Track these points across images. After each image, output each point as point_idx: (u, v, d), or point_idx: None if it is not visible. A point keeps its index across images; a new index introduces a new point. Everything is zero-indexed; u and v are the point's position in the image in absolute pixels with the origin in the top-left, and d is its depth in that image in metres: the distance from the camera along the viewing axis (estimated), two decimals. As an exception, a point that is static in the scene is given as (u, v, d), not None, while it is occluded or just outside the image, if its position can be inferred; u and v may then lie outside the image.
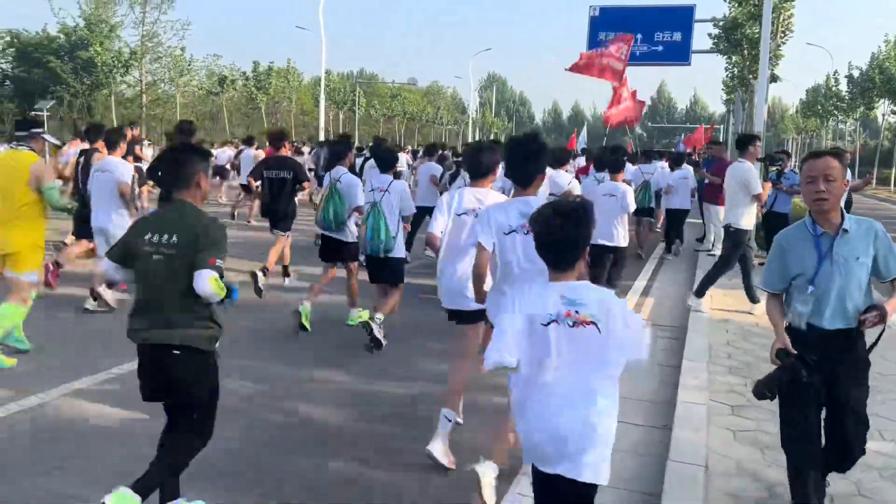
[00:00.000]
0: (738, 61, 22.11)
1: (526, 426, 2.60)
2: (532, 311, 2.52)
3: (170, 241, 3.18)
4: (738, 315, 7.71)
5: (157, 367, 3.28)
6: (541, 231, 2.63)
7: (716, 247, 12.29)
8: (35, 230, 5.73)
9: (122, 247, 3.34)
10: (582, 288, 2.58)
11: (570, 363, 2.49)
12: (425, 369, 5.87)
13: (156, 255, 3.18)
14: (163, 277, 3.18)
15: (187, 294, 3.14)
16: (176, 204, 3.31)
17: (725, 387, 5.27)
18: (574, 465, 2.49)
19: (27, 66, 44.04)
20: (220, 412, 4.64)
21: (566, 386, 2.49)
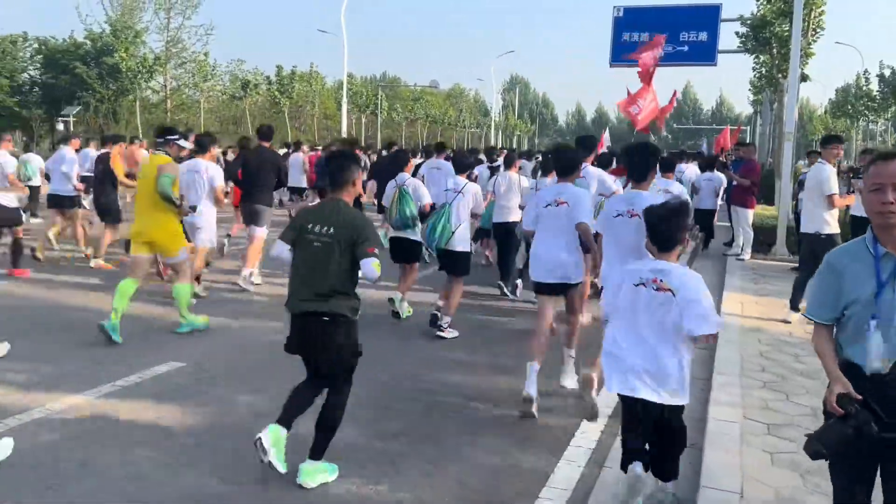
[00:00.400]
0: (766, 60, 21.56)
1: (617, 361, 3.52)
2: (630, 277, 3.53)
3: (328, 231, 3.86)
4: (771, 324, 7.37)
5: (308, 331, 3.94)
6: (655, 223, 3.52)
7: (745, 251, 11.93)
8: (172, 220, 6.74)
9: (292, 233, 4.01)
10: (671, 266, 3.48)
11: (651, 316, 3.45)
12: (438, 380, 5.63)
13: (316, 242, 3.87)
14: (320, 260, 3.84)
15: (338, 274, 3.84)
16: (333, 201, 4.03)
17: (760, 403, 4.95)
18: (654, 391, 3.42)
19: (55, 73, 44.63)
20: (226, 431, 4.47)
21: (648, 332, 3.45)
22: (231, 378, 5.52)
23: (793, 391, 5.21)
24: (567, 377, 5.62)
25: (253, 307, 7.94)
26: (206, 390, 5.23)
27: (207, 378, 5.50)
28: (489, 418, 4.89)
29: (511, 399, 5.26)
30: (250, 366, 5.83)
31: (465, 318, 7.78)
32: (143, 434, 4.42)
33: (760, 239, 12.58)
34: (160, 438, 4.37)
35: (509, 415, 4.96)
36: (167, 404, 4.91)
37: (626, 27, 23.93)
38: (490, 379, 5.69)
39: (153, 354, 5.99)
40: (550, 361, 6.18)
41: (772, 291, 9.18)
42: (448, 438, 4.52)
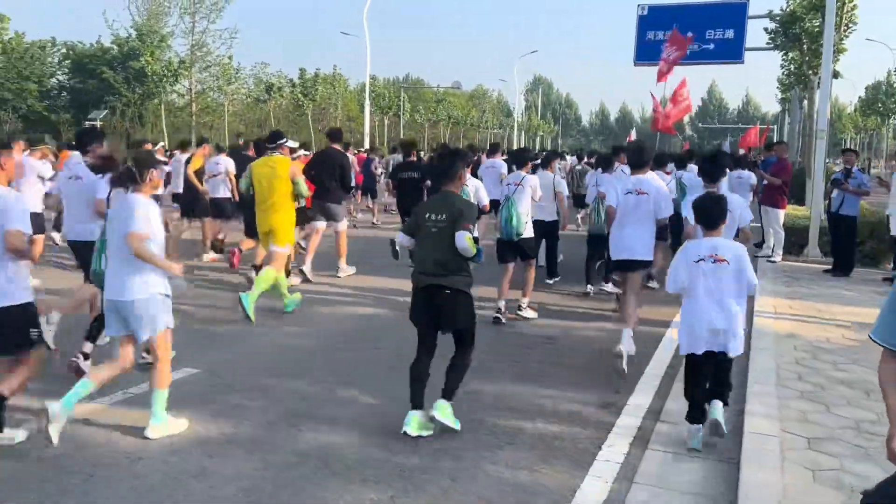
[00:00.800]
0: (795, 57, 21.05)
1: (689, 322, 4.46)
2: (689, 257, 4.46)
3: (441, 218, 4.59)
4: (806, 329, 7.06)
5: (431, 302, 4.62)
6: (703, 209, 4.55)
7: (776, 252, 11.57)
8: (288, 213, 7.68)
9: (411, 224, 4.81)
10: (722, 241, 4.51)
11: (714, 284, 4.37)
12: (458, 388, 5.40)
13: (433, 228, 4.62)
14: (438, 243, 4.55)
15: (454, 255, 4.51)
16: (443, 193, 4.79)
17: (798, 414, 4.68)
18: (721, 344, 4.37)
19: (82, 77, 45.18)
20: (236, 443, 4.31)
21: (715, 297, 4.37)
22: (245, 385, 5.36)
23: (833, 402, 4.93)
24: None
25: (269, 313, 7.80)
26: (219, 398, 5.08)
27: (222, 385, 5.36)
28: (511, 430, 4.67)
29: (535, 409, 5.04)
30: (265, 373, 5.67)
31: (480, 329, 7.57)
32: (154, 444, 4.27)
33: (792, 240, 12.20)
34: (170, 449, 4.22)
35: (532, 426, 4.74)
36: (179, 413, 4.74)
37: (650, 26, 23.53)
38: (512, 387, 5.48)
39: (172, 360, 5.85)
40: (578, 368, 5.96)
41: (806, 294, 8.85)
42: (468, 452, 4.31)
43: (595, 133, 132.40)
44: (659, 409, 5.09)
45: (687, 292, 4.48)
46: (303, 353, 6.23)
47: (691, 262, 4.43)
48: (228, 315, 7.43)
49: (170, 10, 47.04)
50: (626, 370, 5.65)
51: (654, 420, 4.89)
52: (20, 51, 42.88)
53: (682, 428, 4.69)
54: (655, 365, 6.19)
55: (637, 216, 6.26)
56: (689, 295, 4.46)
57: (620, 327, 6.12)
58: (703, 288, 4.38)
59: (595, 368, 6.06)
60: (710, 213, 4.51)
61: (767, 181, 11.37)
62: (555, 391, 5.44)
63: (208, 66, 46.62)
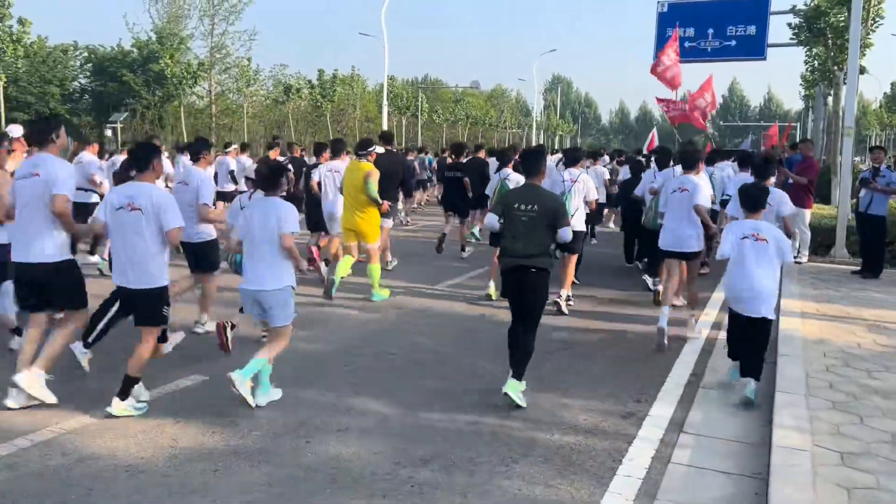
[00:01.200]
0: (819, 53, 20.60)
1: (733, 287, 5.39)
2: (736, 234, 5.39)
3: (532, 208, 5.17)
4: (835, 332, 6.79)
5: (520, 280, 5.21)
6: (749, 195, 5.52)
7: (802, 253, 11.26)
8: (374, 214, 8.30)
9: (500, 208, 5.36)
10: (764, 224, 5.42)
11: (756, 257, 5.27)
12: (473, 399, 5.22)
13: (523, 217, 5.17)
14: (528, 230, 5.16)
15: (541, 239, 5.15)
16: (529, 185, 5.41)
17: (830, 427, 4.44)
18: (760, 308, 5.25)
19: (103, 80, 45.55)
20: (242, 456, 4.16)
21: (758, 267, 5.24)
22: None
23: (867, 413, 4.69)
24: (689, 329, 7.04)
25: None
26: (226, 408, 4.93)
27: (230, 394, 5.20)
28: (527, 441, 4.48)
29: (552, 419, 4.85)
30: (277, 380, 5.50)
31: (501, 331, 7.40)
32: (156, 457, 4.14)
33: (818, 240, 11.88)
34: (174, 462, 4.08)
35: (548, 437, 4.55)
36: (185, 423, 4.63)
37: (670, 22, 23.16)
38: (528, 396, 5.28)
39: (178, 367, 5.74)
40: (597, 375, 5.75)
41: (834, 297, 8.56)
42: (481, 465, 4.13)
43: (615, 132, 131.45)
44: (682, 419, 4.88)
45: (732, 262, 5.43)
46: (317, 360, 6.08)
47: (738, 238, 5.37)
48: (242, 317, 7.30)
49: (189, 13, 47.33)
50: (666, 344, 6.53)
51: (677, 431, 4.68)
52: (42, 55, 43.32)
53: (705, 440, 4.51)
54: (678, 373, 5.97)
55: (682, 211, 7.06)
56: (734, 264, 5.41)
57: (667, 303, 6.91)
58: (745, 260, 5.30)
59: (615, 375, 5.85)
60: (756, 199, 5.50)
61: (793, 180, 11.06)
62: (573, 400, 5.25)
63: (227, 67, 46.83)
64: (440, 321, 7.58)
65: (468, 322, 7.53)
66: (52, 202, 4.71)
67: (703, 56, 23.27)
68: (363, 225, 8.22)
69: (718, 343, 6.77)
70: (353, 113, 56.53)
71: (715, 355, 6.38)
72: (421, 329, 7.25)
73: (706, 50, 23.12)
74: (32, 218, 4.79)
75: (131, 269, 4.73)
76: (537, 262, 5.18)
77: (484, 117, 76.10)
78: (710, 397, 5.35)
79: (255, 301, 4.97)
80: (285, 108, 51.40)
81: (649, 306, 8.41)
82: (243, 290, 5.02)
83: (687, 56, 22.60)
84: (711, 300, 8.73)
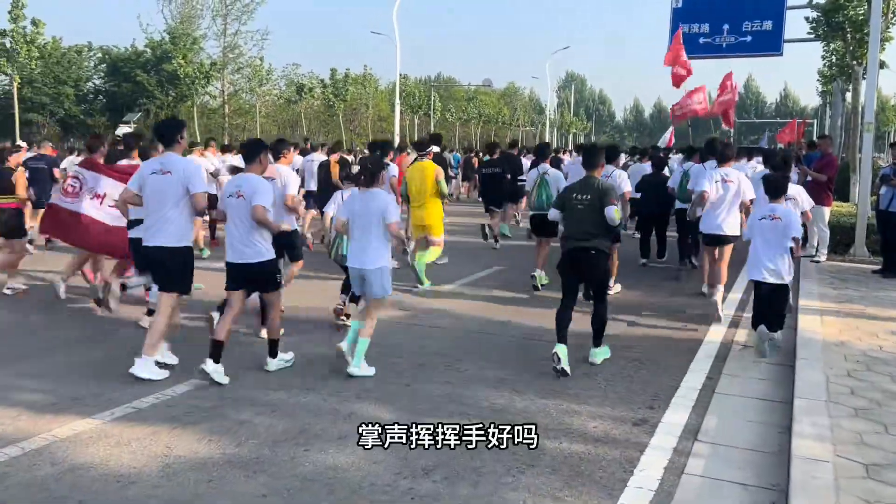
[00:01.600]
0: (837, 48, 20.21)
1: (756, 259, 6.34)
2: (757, 214, 6.52)
3: (588, 198, 5.96)
4: (856, 334, 6.56)
5: (579, 261, 5.98)
6: (773, 183, 6.59)
7: (820, 252, 10.99)
8: (437, 209, 9.25)
9: (560, 201, 6.34)
10: (780, 207, 6.42)
11: (771, 234, 6.25)
12: (480, 403, 5.05)
13: (580, 206, 5.98)
14: (585, 216, 5.93)
15: (597, 224, 5.89)
16: (587, 177, 6.19)
17: (853, 436, 4.23)
18: (774, 275, 6.24)
19: (117, 81, 45.76)
20: (237, 465, 4.01)
21: (771, 243, 6.25)
22: (255, 399, 5.08)
23: (892, 421, 4.47)
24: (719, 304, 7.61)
25: (291, 319, 7.53)
26: (226, 413, 4.80)
27: (229, 399, 5.08)
28: (536, 450, 4.30)
29: (561, 427, 4.67)
30: (278, 385, 5.38)
31: (510, 334, 7.23)
32: (149, 466, 4.00)
33: (837, 238, 11.60)
34: (166, 472, 3.94)
35: (557, 446, 4.37)
36: (181, 430, 4.50)
37: (685, 18, 22.80)
38: (537, 402, 5.11)
39: (178, 371, 5.62)
40: (609, 379, 5.56)
41: (854, 297, 8.31)
42: (486, 475, 3.96)
43: (629, 129, 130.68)
44: (697, 427, 4.68)
45: (753, 240, 6.51)
46: (321, 363, 5.93)
47: (756, 220, 6.49)
48: (248, 319, 7.18)
49: (202, 13, 47.44)
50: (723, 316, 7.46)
51: (691, 440, 4.49)
52: (57, 55, 43.56)
53: (721, 449, 4.32)
54: (693, 376, 5.77)
55: (725, 201, 7.87)
56: (753, 241, 6.50)
57: (713, 291, 7.70)
58: (762, 237, 6.36)
59: (628, 380, 5.66)
60: (778, 187, 6.56)
61: (812, 178, 10.79)
62: (582, 406, 5.07)
63: (240, 67, 46.90)
64: (449, 323, 7.42)
65: (477, 324, 7.36)
66: (194, 201, 5.52)
67: (718, 52, 22.90)
68: (430, 219, 9.05)
69: (734, 347, 6.56)
70: (366, 112, 56.46)
71: (730, 360, 6.17)
72: (428, 331, 7.08)
73: (721, 46, 22.76)
74: (158, 209, 5.50)
75: (247, 248, 5.54)
76: (595, 245, 5.93)
77: (497, 115, 75.78)
78: (726, 403, 5.14)
79: (359, 277, 5.78)
80: (298, 107, 51.40)
81: (663, 307, 8.20)
82: (350, 268, 5.89)
83: (702, 52, 22.29)
84: (728, 300, 8.52)
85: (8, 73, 31.61)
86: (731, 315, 7.86)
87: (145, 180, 5.55)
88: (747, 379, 5.69)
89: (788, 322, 7.26)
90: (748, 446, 4.40)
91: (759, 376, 5.76)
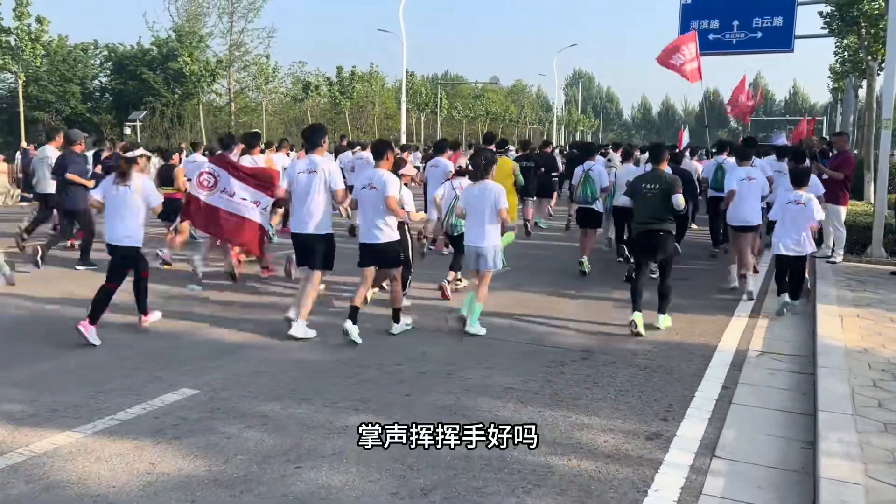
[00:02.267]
0: (851, 43, 19.83)
1: (781, 236, 7.66)
2: (783, 200, 7.85)
3: (656, 187, 7.08)
4: (879, 340, 6.25)
5: (650, 241, 7.11)
6: (796, 174, 8.09)
7: (836, 252, 10.66)
8: (514, 199, 10.28)
9: (630, 190, 7.41)
10: (804, 193, 7.71)
11: (795, 217, 7.63)
12: (483, 417, 4.76)
13: (649, 194, 7.10)
14: (653, 203, 7.05)
15: (664, 209, 7.01)
16: (654, 170, 7.35)
17: (884, 454, 3.94)
18: (797, 249, 7.59)
19: (123, 79, 45.65)
20: (223, 485, 3.74)
21: (797, 222, 7.61)
22: (247, 410, 4.82)
23: (924, 436, 4.17)
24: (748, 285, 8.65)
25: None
26: (214, 426, 4.55)
27: (220, 411, 4.82)
28: (541, 468, 4.03)
29: (569, 442, 4.40)
30: (272, 395, 5.13)
31: (517, 339, 6.95)
32: (129, 485, 3.75)
33: (853, 238, 11.26)
34: (148, 492, 3.68)
35: (565, 464, 4.09)
36: (166, 445, 4.24)
37: (694, 14, 22.51)
38: (543, 414, 4.83)
39: (168, 379, 5.38)
40: (619, 389, 5.28)
41: (874, 301, 7.99)
42: (488, 496, 3.69)
43: (637, 127, 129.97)
44: (714, 441, 4.40)
45: (779, 221, 7.81)
46: (316, 372, 5.67)
47: (783, 204, 7.78)
48: (243, 325, 6.94)
49: (208, 11, 47.31)
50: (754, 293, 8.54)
51: (708, 456, 4.21)
52: (63, 53, 43.46)
53: (741, 466, 4.04)
54: (708, 385, 5.49)
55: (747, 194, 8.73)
56: (780, 223, 7.80)
57: (743, 272, 8.71)
58: (789, 217, 7.67)
59: (639, 388, 5.38)
60: (801, 177, 7.95)
61: (829, 176, 10.47)
62: (592, 418, 4.79)
63: (246, 65, 46.76)
64: (453, 328, 7.13)
65: (485, 325, 7.08)
66: (335, 196, 6.66)
67: (728, 48, 22.58)
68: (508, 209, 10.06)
69: (750, 354, 6.27)
70: (373, 110, 56.16)
71: (746, 368, 5.88)
72: (432, 337, 6.82)
73: (731, 42, 22.43)
74: (305, 202, 6.57)
75: (376, 230, 6.57)
76: (662, 227, 7.04)
77: (504, 113, 75.37)
78: (744, 415, 4.86)
79: (475, 253, 7.02)
80: (304, 105, 51.17)
81: (674, 309, 7.91)
82: (467, 246, 7.12)
83: (711, 48, 21.95)
84: (741, 306, 8.23)
85: (13, 70, 31.40)
86: (746, 320, 7.57)
87: (298, 179, 6.59)
88: (765, 388, 5.40)
89: (808, 328, 6.99)
90: (770, 463, 4.12)
91: (778, 385, 5.47)
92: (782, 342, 6.66)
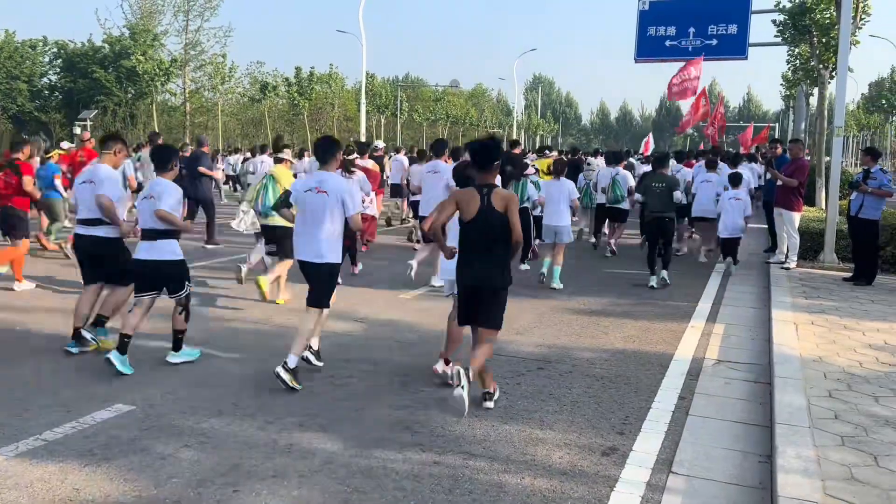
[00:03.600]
0: (803, 51, 20.19)
1: (725, 224, 10.66)
2: (726, 197, 10.87)
3: (662, 185, 9.58)
4: (833, 349, 6.24)
5: (660, 226, 9.61)
6: (732, 177, 11.15)
7: (790, 259, 10.76)
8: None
9: (642, 188, 10.12)
10: (740, 192, 10.82)
11: (735, 210, 10.59)
12: (436, 431, 4.58)
13: (657, 190, 9.59)
14: (660, 198, 9.54)
15: (668, 202, 9.53)
16: (660, 172, 9.90)
17: (842, 471, 3.86)
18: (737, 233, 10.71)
19: (73, 77, 44.42)
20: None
21: (734, 215, 10.62)
22: (184, 427, 4.54)
23: (881, 451, 4.11)
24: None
25: (253, 333, 6.99)
26: (148, 445, 4.26)
27: (154, 428, 4.54)
28: (493, 487, 3.84)
29: (524, 458, 4.23)
30: (214, 410, 4.85)
31: (467, 353, 6.78)
32: (49, 514, 3.46)
33: (807, 244, 11.39)
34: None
35: (518, 482, 3.92)
36: (94, 467, 3.95)
37: (652, 21, 22.81)
38: (497, 428, 4.66)
39: (102, 394, 5.06)
40: (575, 401, 5.13)
41: (828, 308, 8.03)
42: (440, 521, 3.50)
43: (595, 132, 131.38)
44: (671, 456, 4.28)
45: (723, 213, 10.45)
46: (262, 385, 5.37)
47: (726, 200, 10.47)
48: (191, 332, 6.63)
49: (163, 9, 46.33)
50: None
51: (665, 472, 4.08)
52: (10, 50, 42.09)
53: (697, 482, 3.92)
54: (665, 395, 5.38)
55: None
56: (724, 214, 10.46)
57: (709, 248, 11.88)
58: (730, 210, 10.42)
59: (596, 400, 5.25)
60: (738, 179, 10.73)
61: (783, 182, 10.55)
62: (547, 432, 4.63)
63: (202, 64, 45.90)
64: (410, 337, 6.93)
65: (440, 337, 6.89)
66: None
67: (684, 55, 22.84)
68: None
69: (707, 363, 6.20)
70: (332, 112, 55.62)
71: (703, 377, 5.80)
72: (387, 345, 6.61)
73: (687, 49, 22.72)
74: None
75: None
76: (668, 215, 9.49)
77: (465, 117, 75.47)
78: (701, 427, 4.76)
79: (553, 231, 9.39)
80: (262, 106, 50.43)
81: (636, 316, 7.84)
82: (546, 225, 9.52)
83: (667, 55, 22.32)
84: (697, 311, 8.21)
85: (-45, 67, 30.32)
86: (702, 327, 7.53)
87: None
88: (722, 399, 5.32)
89: (763, 335, 6.98)
90: (727, 479, 4.01)
91: (735, 395, 5.39)
92: (738, 350, 6.61)
